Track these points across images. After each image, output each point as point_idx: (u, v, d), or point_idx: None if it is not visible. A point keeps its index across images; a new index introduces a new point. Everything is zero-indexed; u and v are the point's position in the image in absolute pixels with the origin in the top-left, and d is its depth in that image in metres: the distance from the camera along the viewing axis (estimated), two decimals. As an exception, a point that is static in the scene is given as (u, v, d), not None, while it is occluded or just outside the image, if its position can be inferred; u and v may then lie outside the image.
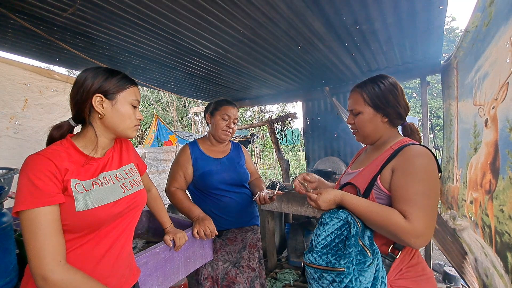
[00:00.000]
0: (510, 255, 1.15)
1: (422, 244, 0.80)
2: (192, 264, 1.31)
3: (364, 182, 0.93)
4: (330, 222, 0.84)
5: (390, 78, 1.00)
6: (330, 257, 0.79)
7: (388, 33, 2.14)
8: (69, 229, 0.75)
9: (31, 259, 0.67)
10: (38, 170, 0.71)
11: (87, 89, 0.82)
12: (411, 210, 0.79)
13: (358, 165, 1.07)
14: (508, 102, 1.11)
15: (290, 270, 2.71)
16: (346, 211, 0.86)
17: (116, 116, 0.86)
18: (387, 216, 0.81)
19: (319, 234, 0.84)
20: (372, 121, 0.98)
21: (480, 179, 1.46)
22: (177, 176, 1.51)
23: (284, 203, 2.62)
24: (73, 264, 0.73)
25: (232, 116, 1.53)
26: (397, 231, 0.79)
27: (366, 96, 0.98)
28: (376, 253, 0.83)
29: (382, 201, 0.89)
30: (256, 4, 1.62)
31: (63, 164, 0.76)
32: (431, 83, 3.54)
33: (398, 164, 0.87)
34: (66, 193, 0.75)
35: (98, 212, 0.79)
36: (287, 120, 4.04)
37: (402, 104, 0.97)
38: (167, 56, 2.45)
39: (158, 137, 6.06)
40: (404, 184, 0.83)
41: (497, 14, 1.25)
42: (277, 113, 12.94)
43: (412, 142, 0.92)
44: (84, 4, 1.58)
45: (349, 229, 0.81)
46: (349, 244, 0.79)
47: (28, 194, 0.69)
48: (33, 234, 0.68)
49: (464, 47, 1.85)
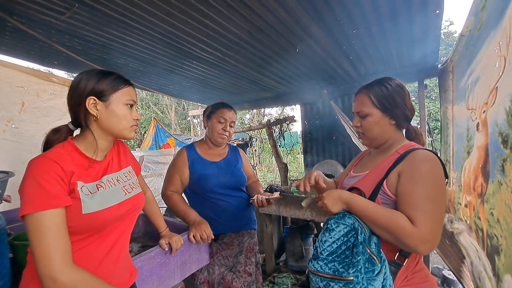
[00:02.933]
0: (497, 258, 1.16)
1: (428, 250, 0.79)
2: (188, 269, 1.30)
3: (369, 187, 0.91)
4: (336, 228, 0.81)
5: (396, 80, 0.98)
6: (337, 265, 0.76)
7: (386, 37, 2.15)
8: (74, 231, 0.76)
9: (39, 260, 0.67)
10: (45, 173, 0.72)
11: (80, 92, 0.82)
12: (417, 215, 0.78)
13: (362, 168, 1.05)
14: (497, 106, 1.11)
15: (288, 274, 2.69)
16: (352, 216, 0.84)
17: (111, 117, 0.85)
18: (394, 219, 0.79)
19: (325, 241, 0.81)
20: (379, 123, 0.95)
21: (472, 182, 1.47)
22: (173, 179, 1.50)
23: (282, 207, 2.61)
24: (76, 264, 0.74)
25: (228, 119, 1.53)
26: (403, 235, 0.78)
27: (373, 98, 0.95)
28: (384, 261, 0.81)
29: (388, 206, 0.87)
30: (254, 8, 1.64)
31: (69, 167, 0.77)
32: (429, 87, 3.56)
33: (405, 168, 0.85)
34: (73, 195, 0.76)
35: (104, 214, 0.80)
36: (285, 123, 4.05)
37: (409, 106, 0.95)
38: (165, 59, 2.46)
39: (156, 140, 6.05)
40: (410, 189, 0.82)
41: (488, 19, 1.26)
42: (276, 116, 12.94)
43: (418, 147, 0.91)
44: (81, 7, 1.58)
45: (356, 235, 0.78)
46: (357, 251, 0.76)
47: (36, 197, 0.69)
48: (41, 236, 0.68)
49: (459, 51, 1.87)
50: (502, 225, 1.10)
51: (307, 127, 4.22)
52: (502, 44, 1.08)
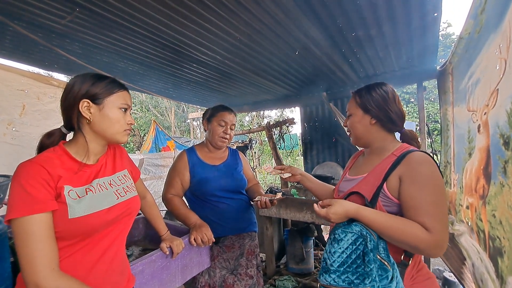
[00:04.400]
0: (500, 260, 1.16)
1: (442, 253, 0.80)
2: (189, 272, 1.30)
3: (369, 190, 0.92)
4: (344, 238, 0.80)
5: (385, 85, 1.02)
6: (350, 276, 0.75)
7: (384, 40, 2.16)
8: (61, 236, 0.75)
9: (24, 266, 0.66)
10: (31, 177, 0.71)
11: (74, 94, 0.81)
12: (430, 222, 0.79)
13: (358, 170, 1.06)
14: (498, 108, 1.12)
15: (289, 276, 2.68)
16: (359, 224, 0.83)
17: (104, 121, 0.84)
18: (408, 230, 0.79)
19: (334, 252, 0.79)
20: (360, 122, 1.03)
21: (474, 184, 1.47)
22: (174, 182, 1.50)
23: (283, 209, 2.61)
24: (65, 271, 0.72)
25: (229, 122, 1.54)
26: (418, 243, 0.78)
27: (357, 99, 1.04)
28: (393, 264, 0.80)
29: (390, 208, 0.88)
30: (253, 11, 1.65)
31: (56, 171, 0.76)
32: (428, 88, 3.58)
33: (405, 172, 0.86)
34: (59, 200, 0.75)
35: (91, 219, 0.78)
36: (285, 126, 4.05)
37: (393, 109, 0.98)
38: (165, 62, 2.47)
39: (156, 143, 6.05)
40: (416, 195, 0.82)
41: (488, 22, 1.27)
42: (276, 118, 12.95)
43: (413, 149, 0.92)
44: (82, 11, 1.59)
45: (365, 243, 0.78)
46: (369, 260, 0.75)
47: (21, 202, 0.69)
48: (26, 241, 0.67)
49: (458, 53, 1.88)
50: (505, 227, 1.10)
51: (306, 129, 4.22)
52: (502, 46, 1.08)
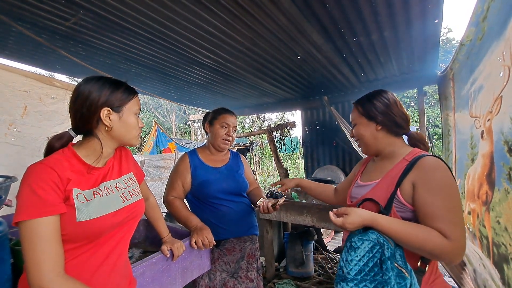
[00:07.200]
0: (507, 267, 1.15)
1: (461, 259, 0.79)
2: (189, 275, 1.29)
3: (383, 197, 0.91)
4: (361, 246, 0.79)
5: (385, 92, 1.03)
6: (368, 284, 0.74)
7: (385, 45, 2.18)
8: (68, 239, 0.75)
9: (29, 269, 0.66)
10: (41, 180, 0.71)
11: (94, 102, 0.81)
12: (449, 228, 0.78)
13: (369, 176, 1.06)
14: (502, 115, 1.12)
15: (289, 280, 2.67)
16: (375, 231, 0.82)
17: (123, 127, 0.86)
18: (427, 237, 0.78)
19: (351, 260, 0.79)
20: (367, 130, 1.03)
21: (477, 190, 1.47)
22: (175, 185, 1.50)
23: (283, 212, 2.60)
24: (69, 274, 0.72)
25: (231, 124, 1.54)
26: (438, 251, 0.77)
27: (360, 109, 1.06)
28: (410, 271, 0.79)
29: (404, 214, 0.87)
30: (256, 16, 1.66)
31: (65, 174, 0.76)
32: (428, 93, 3.58)
33: (418, 178, 0.85)
34: (68, 202, 0.75)
35: (98, 222, 0.78)
36: (286, 129, 4.06)
37: (397, 113, 0.99)
38: (167, 65, 2.48)
39: (157, 145, 6.04)
40: (432, 201, 0.81)
41: (490, 30, 1.28)
42: (277, 121, 12.96)
43: (425, 154, 0.92)
44: (86, 13, 1.60)
45: (382, 250, 0.77)
46: (387, 268, 0.74)
47: (30, 204, 0.69)
48: (33, 244, 0.67)
49: (460, 60, 1.89)
50: (511, 234, 1.10)
51: (307, 132, 4.23)
52: (506, 54, 1.09)
